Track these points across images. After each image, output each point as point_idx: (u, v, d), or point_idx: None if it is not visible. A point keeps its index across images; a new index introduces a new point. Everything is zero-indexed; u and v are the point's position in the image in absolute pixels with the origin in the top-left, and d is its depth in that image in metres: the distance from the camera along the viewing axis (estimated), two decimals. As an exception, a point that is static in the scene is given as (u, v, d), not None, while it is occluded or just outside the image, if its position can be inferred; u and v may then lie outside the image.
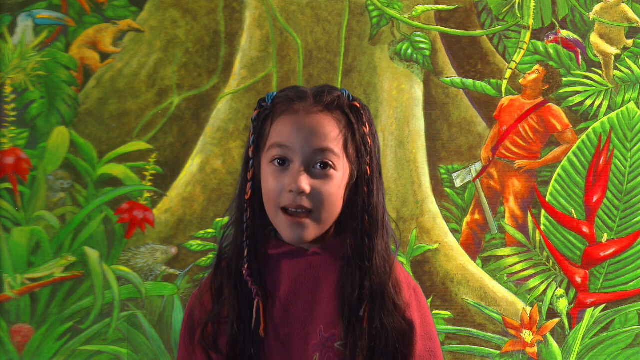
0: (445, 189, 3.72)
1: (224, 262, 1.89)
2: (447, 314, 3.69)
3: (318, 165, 1.81)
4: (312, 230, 1.81)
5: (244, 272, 1.83)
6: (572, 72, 3.73)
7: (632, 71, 3.72)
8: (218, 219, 3.68)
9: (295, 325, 1.83)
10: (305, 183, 1.79)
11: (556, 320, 3.69)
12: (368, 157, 1.85)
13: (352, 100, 1.87)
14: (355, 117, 1.85)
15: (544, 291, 3.70)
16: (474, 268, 3.70)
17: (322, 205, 1.81)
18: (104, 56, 3.75)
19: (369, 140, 1.86)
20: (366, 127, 1.86)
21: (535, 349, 3.68)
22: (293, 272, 1.85)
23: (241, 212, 1.88)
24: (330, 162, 1.81)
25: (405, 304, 1.86)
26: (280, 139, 1.82)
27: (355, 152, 1.85)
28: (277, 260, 1.85)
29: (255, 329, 1.81)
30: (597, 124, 3.71)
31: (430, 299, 3.67)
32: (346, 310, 1.82)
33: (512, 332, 3.69)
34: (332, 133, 1.82)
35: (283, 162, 1.82)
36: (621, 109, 3.71)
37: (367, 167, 1.85)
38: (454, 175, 3.73)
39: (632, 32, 3.73)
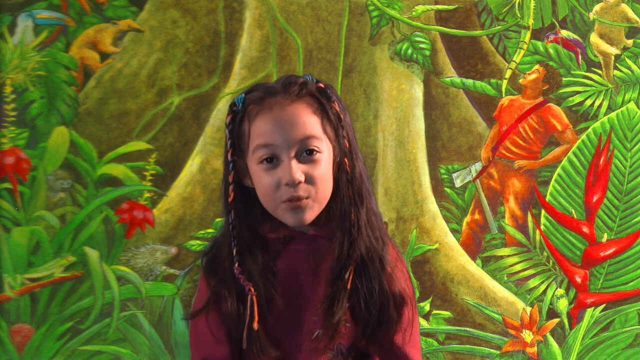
0: (445, 189, 3.72)
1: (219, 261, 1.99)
2: (447, 314, 3.69)
3: (305, 153, 1.90)
4: (311, 211, 1.91)
5: (235, 270, 1.92)
6: (572, 72, 3.73)
7: (632, 71, 3.72)
8: (218, 219, 3.68)
9: (298, 303, 1.90)
10: (299, 174, 1.88)
11: (556, 320, 3.69)
12: (344, 132, 1.95)
13: (317, 83, 1.96)
14: (325, 98, 1.95)
15: (544, 291, 3.70)
16: (474, 268, 3.70)
17: (317, 186, 1.90)
18: (104, 56, 3.75)
19: (342, 116, 1.96)
20: (336, 104, 1.95)
21: (535, 349, 3.68)
22: (294, 254, 1.94)
23: (227, 214, 1.97)
24: (315, 148, 1.91)
25: (393, 274, 1.95)
26: (264, 139, 1.90)
27: (332, 130, 1.95)
28: (278, 244, 1.93)
29: (250, 322, 1.89)
30: (597, 124, 3.71)
31: (430, 299, 3.68)
32: (334, 276, 1.90)
33: (512, 332, 3.69)
34: (310, 119, 1.91)
35: (271, 160, 1.90)
36: (621, 109, 3.71)
37: (346, 141, 1.95)
38: (454, 175, 3.73)
39: (632, 32, 3.73)
